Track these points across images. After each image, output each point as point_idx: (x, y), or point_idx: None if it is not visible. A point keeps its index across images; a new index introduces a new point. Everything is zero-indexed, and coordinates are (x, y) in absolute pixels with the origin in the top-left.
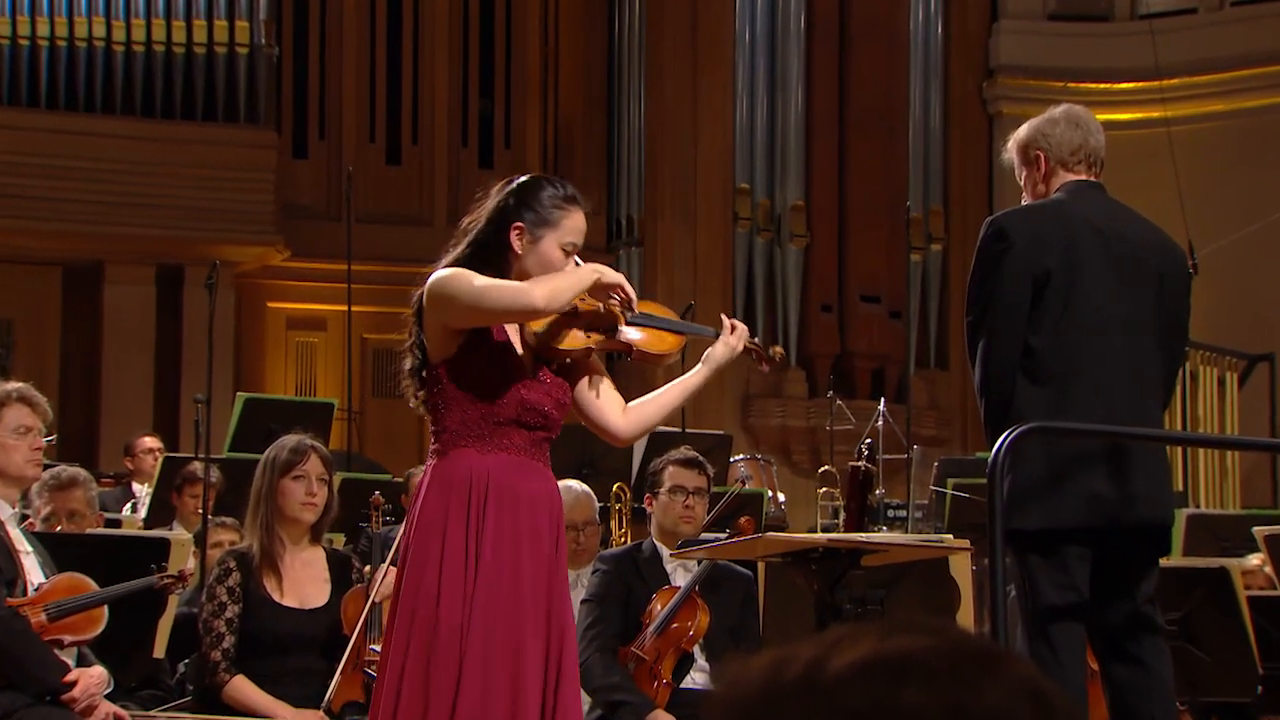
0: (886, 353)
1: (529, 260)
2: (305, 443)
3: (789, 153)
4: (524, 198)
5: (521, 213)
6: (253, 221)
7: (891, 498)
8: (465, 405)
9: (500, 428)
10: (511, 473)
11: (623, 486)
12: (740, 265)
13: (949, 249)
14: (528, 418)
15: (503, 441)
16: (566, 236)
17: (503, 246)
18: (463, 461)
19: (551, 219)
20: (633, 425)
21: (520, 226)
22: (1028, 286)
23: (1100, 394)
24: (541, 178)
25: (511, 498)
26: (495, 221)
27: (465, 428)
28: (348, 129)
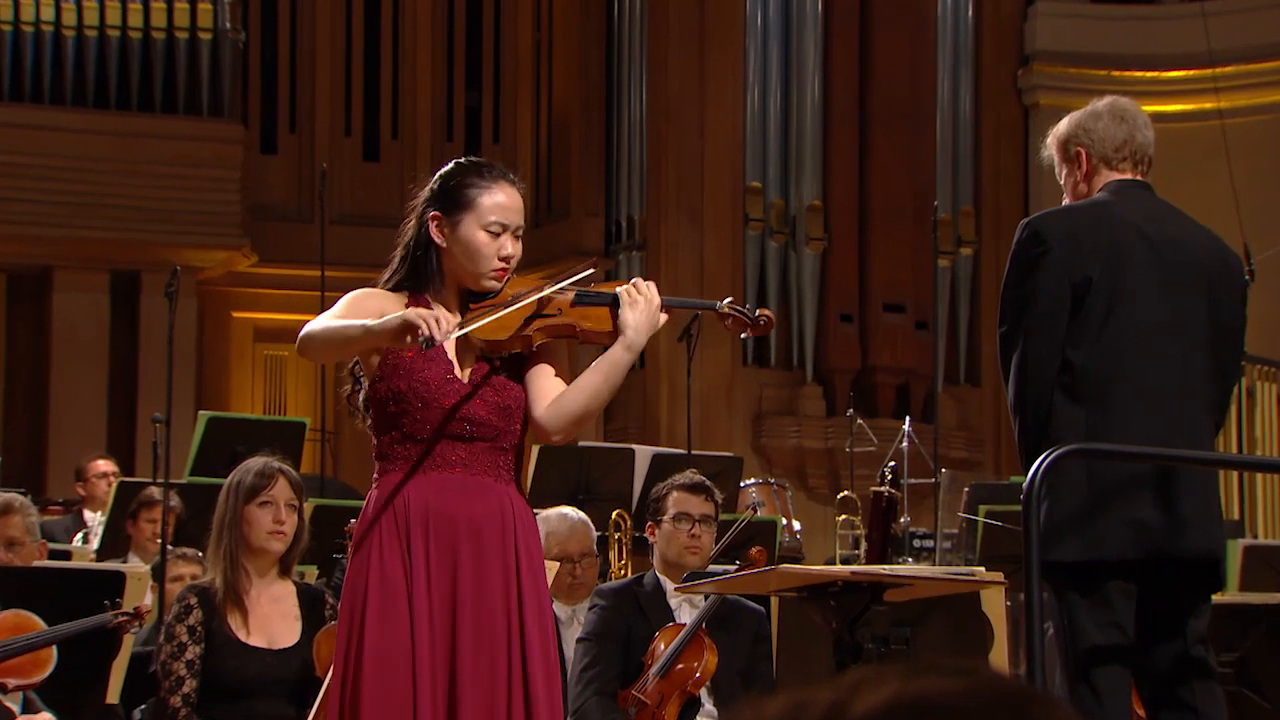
0: (912, 367)
1: (455, 252)
2: (273, 466)
3: (805, 148)
4: (442, 184)
5: (435, 202)
6: (217, 223)
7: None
8: (389, 424)
9: (426, 444)
10: (446, 494)
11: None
12: (751, 271)
13: (980, 253)
14: (457, 429)
15: (434, 459)
16: (488, 216)
17: (425, 244)
18: (390, 486)
19: (466, 200)
20: (555, 415)
21: (436, 216)
22: (1066, 295)
23: (1146, 413)
24: (461, 160)
25: (446, 521)
26: (418, 219)
27: (392, 450)
28: (321, 122)
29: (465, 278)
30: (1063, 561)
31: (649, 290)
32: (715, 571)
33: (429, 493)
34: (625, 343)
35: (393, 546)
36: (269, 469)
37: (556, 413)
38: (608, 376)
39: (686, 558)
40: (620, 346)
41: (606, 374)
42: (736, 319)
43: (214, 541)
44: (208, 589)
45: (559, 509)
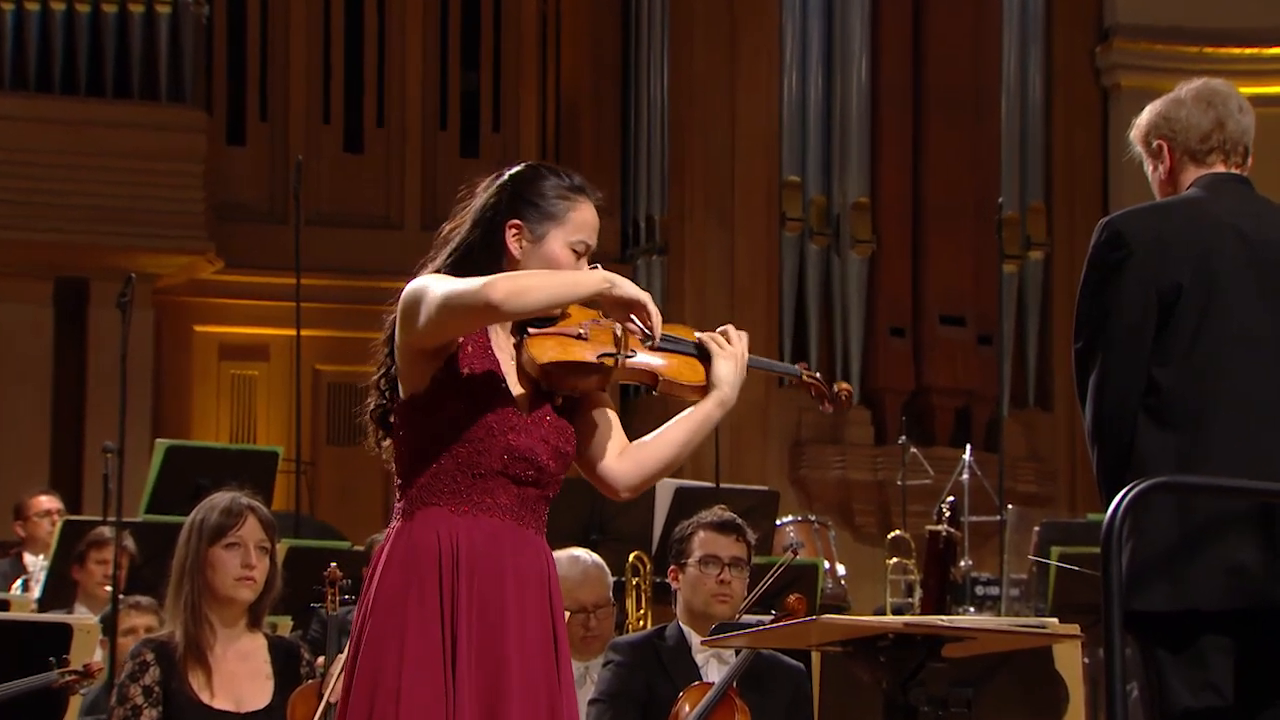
0: (973, 388)
1: (531, 265)
2: (241, 502)
3: (850, 137)
4: (520, 190)
5: (518, 208)
6: (176, 224)
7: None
8: (437, 453)
9: (480, 482)
10: (494, 541)
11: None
12: (789, 279)
13: (1052, 257)
14: (516, 469)
15: (484, 500)
16: (575, 233)
17: (496, 251)
18: (432, 525)
19: (556, 212)
20: (631, 471)
21: (518, 224)
22: (1152, 305)
23: (1245, 439)
24: (540, 165)
25: (494, 573)
26: (485, 223)
27: (437, 482)
28: (296, 108)
29: None
30: (1150, 612)
31: (740, 342)
32: (748, 623)
33: (477, 536)
34: (719, 399)
35: (432, 597)
36: (236, 506)
37: (634, 469)
38: (694, 434)
39: (715, 607)
40: (714, 403)
41: (695, 431)
42: (817, 388)
43: (173, 589)
44: (166, 644)
45: (569, 551)
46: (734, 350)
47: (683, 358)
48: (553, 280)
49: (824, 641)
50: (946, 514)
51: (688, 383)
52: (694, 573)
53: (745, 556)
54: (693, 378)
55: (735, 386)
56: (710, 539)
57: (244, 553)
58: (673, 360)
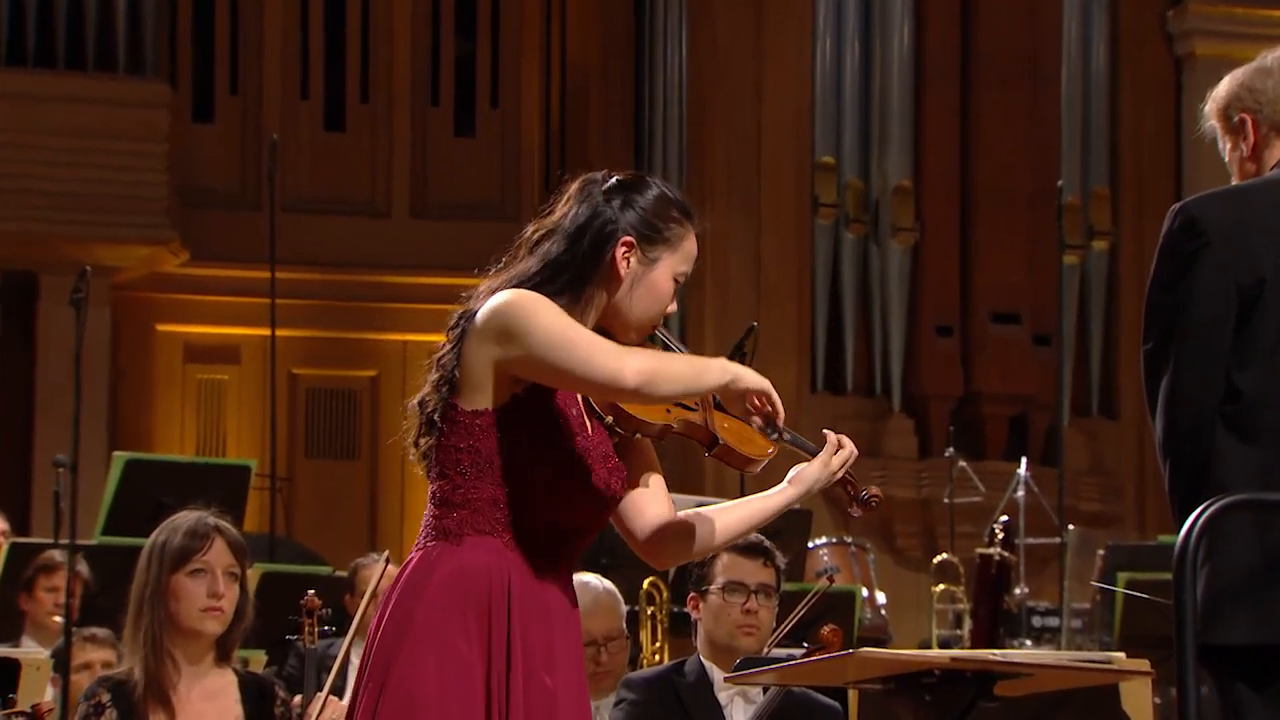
0: (1029, 394)
1: (636, 290)
2: (208, 523)
3: (890, 114)
4: (635, 203)
5: (633, 224)
6: (137, 211)
7: (1038, 599)
8: (508, 476)
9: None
10: (537, 577)
11: (657, 583)
12: (822, 271)
13: (1118, 247)
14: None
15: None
16: (682, 264)
17: (601, 268)
18: (483, 554)
19: (672, 237)
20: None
21: (631, 242)
22: (1232, 301)
23: None
24: (652, 180)
25: (542, 611)
26: (592, 232)
27: (493, 509)
28: (270, 81)
29: (618, 323)
30: (1228, 645)
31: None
32: (777, 657)
33: (523, 570)
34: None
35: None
36: (202, 527)
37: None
38: (757, 526)
39: (739, 639)
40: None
41: (757, 523)
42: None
43: (131, 620)
44: (125, 682)
45: (578, 577)
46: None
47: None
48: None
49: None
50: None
51: (745, 454)
52: (716, 601)
53: (774, 583)
54: (751, 450)
55: (811, 493)
56: (734, 563)
57: (211, 580)
58: (733, 425)
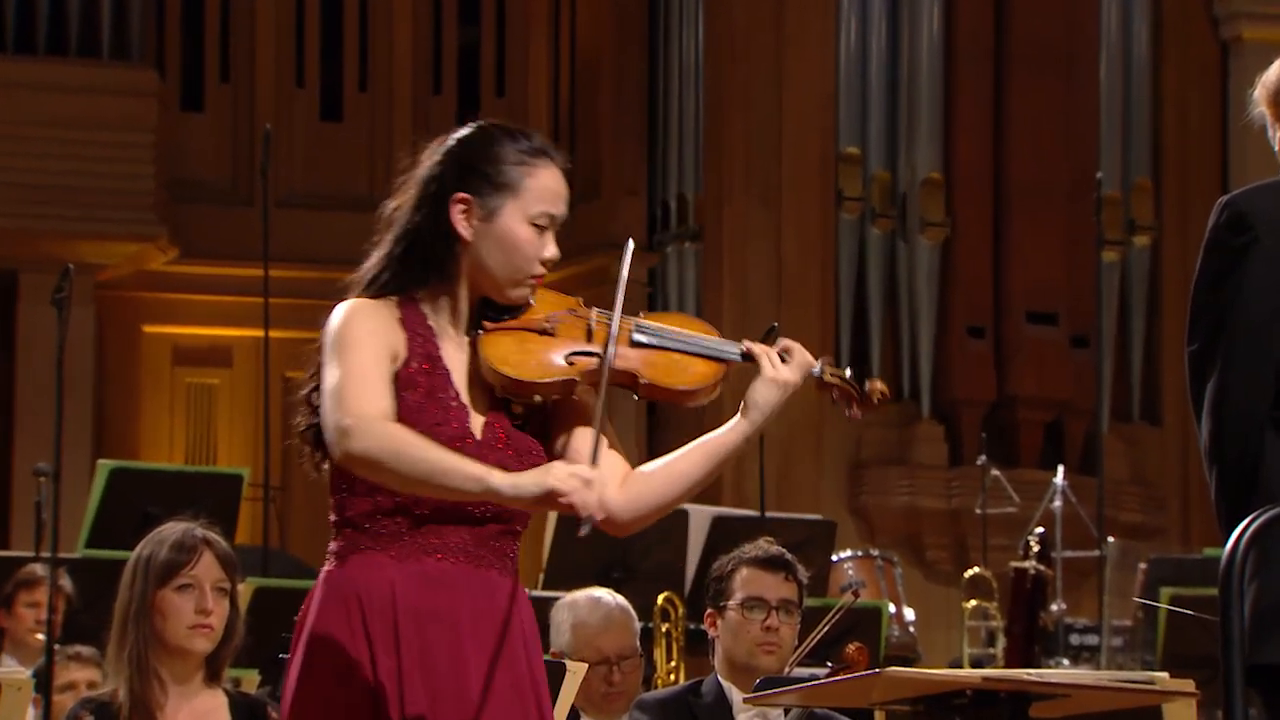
0: (1067, 399)
1: (484, 248)
2: (196, 535)
3: (919, 102)
4: (466, 157)
5: (466, 178)
6: (122, 205)
7: (1076, 616)
8: (372, 489)
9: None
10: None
11: (672, 598)
12: (846, 269)
13: (1161, 243)
14: (470, 506)
15: (430, 542)
16: (535, 205)
17: (444, 234)
18: (364, 572)
19: (507, 180)
20: (631, 504)
21: (465, 198)
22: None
23: None
24: (491, 125)
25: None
26: (429, 198)
27: (373, 523)
28: (263, 68)
29: (488, 284)
30: (1278, 665)
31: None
32: (799, 677)
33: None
34: (750, 429)
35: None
36: (190, 539)
37: (637, 500)
38: (710, 469)
39: (760, 657)
40: (742, 432)
41: (710, 466)
42: (842, 390)
43: (116, 638)
44: (109, 703)
45: (588, 592)
46: (784, 376)
47: (682, 357)
48: (431, 466)
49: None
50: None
51: (673, 386)
52: (735, 617)
53: (796, 598)
54: (681, 380)
55: (770, 417)
56: (754, 578)
57: (199, 595)
58: (662, 359)
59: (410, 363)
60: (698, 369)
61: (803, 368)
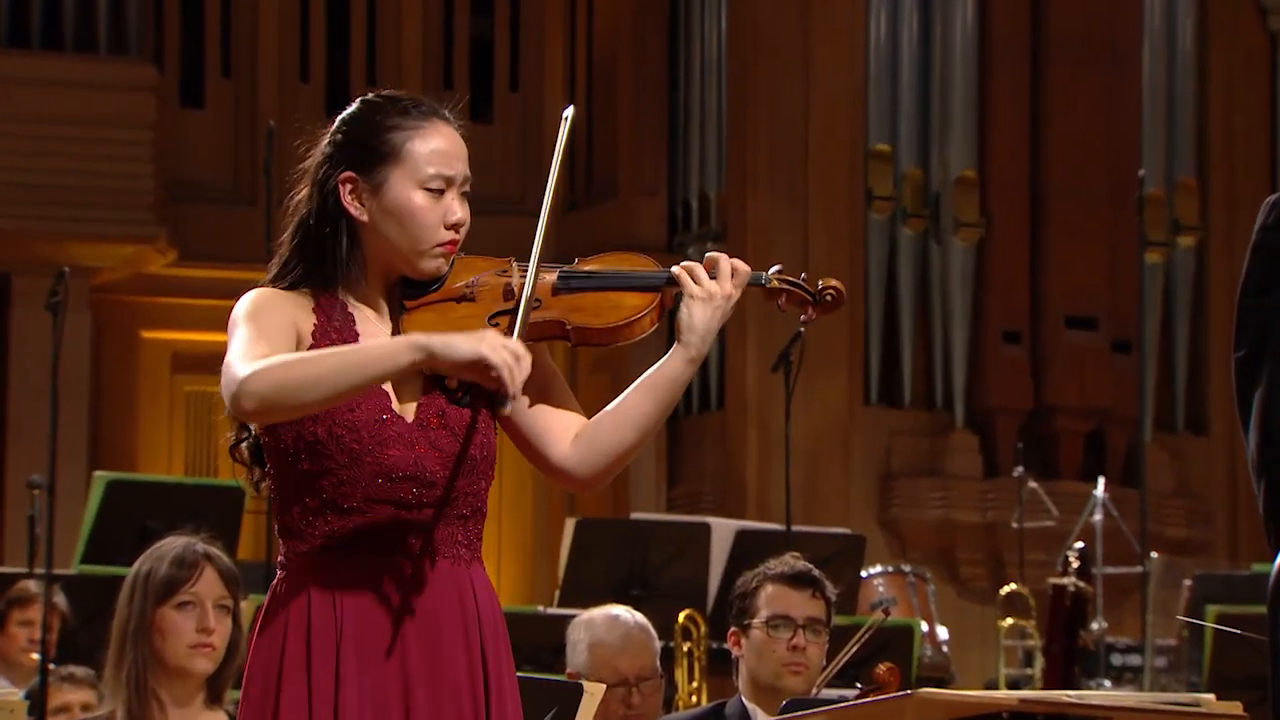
0: (1107, 408)
1: (381, 224)
2: (197, 550)
3: (952, 97)
4: (348, 134)
5: (349, 156)
6: (120, 206)
7: (1118, 635)
8: (302, 487)
9: (351, 518)
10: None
11: (694, 616)
12: (876, 270)
13: (1207, 244)
14: (400, 493)
15: (368, 539)
16: (424, 167)
17: (335, 218)
18: (306, 577)
19: (389, 148)
20: (587, 456)
21: (350, 177)
22: None
23: None
24: (373, 96)
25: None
26: (318, 184)
27: (306, 523)
28: (266, 63)
29: (397, 261)
30: None
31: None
32: (827, 699)
33: (363, 591)
34: (689, 353)
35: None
36: (191, 555)
37: (589, 452)
38: (662, 402)
39: (786, 678)
40: (681, 358)
41: (660, 399)
42: (791, 295)
43: (113, 658)
44: None
45: (606, 610)
46: (711, 288)
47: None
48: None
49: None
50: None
51: (609, 323)
52: (760, 636)
53: (824, 616)
54: (610, 317)
55: (707, 339)
56: (780, 595)
57: (200, 613)
58: (589, 301)
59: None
60: (628, 302)
61: (736, 276)
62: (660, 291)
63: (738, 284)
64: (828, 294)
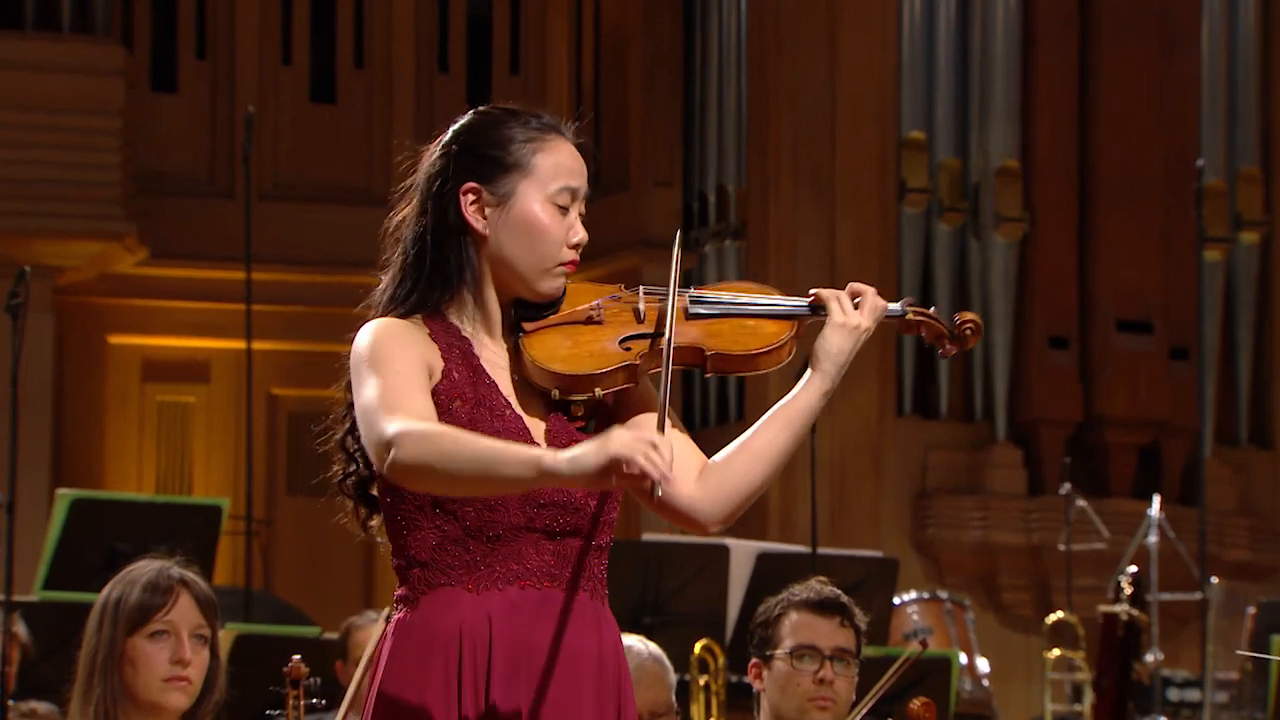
0: (1163, 419)
1: (504, 238)
2: (171, 575)
3: (993, 82)
4: (468, 144)
5: (470, 167)
6: (85, 199)
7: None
8: (437, 520)
9: (500, 546)
10: (530, 618)
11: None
12: (910, 269)
13: (1272, 240)
14: (547, 519)
15: (508, 568)
16: (553, 180)
17: (457, 233)
18: (445, 610)
19: (515, 161)
20: (714, 499)
21: (474, 187)
22: None
23: None
24: (492, 108)
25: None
26: (434, 197)
27: (443, 556)
28: (245, 43)
29: (515, 280)
30: None
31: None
32: None
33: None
34: (825, 384)
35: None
36: (165, 580)
37: (719, 490)
38: (793, 436)
39: (812, 714)
40: (818, 389)
41: (796, 430)
42: (929, 327)
43: (80, 692)
44: None
45: None
46: (854, 321)
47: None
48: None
49: None
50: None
51: (744, 352)
52: (783, 668)
53: (853, 647)
54: (750, 344)
55: (843, 369)
56: (805, 623)
57: (174, 644)
58: (726, 327)
59: (450, 374)
60: (766, 329)
61: (875, 311)
62: (800, 320)
63: (876, 317)
64: (965, 328)
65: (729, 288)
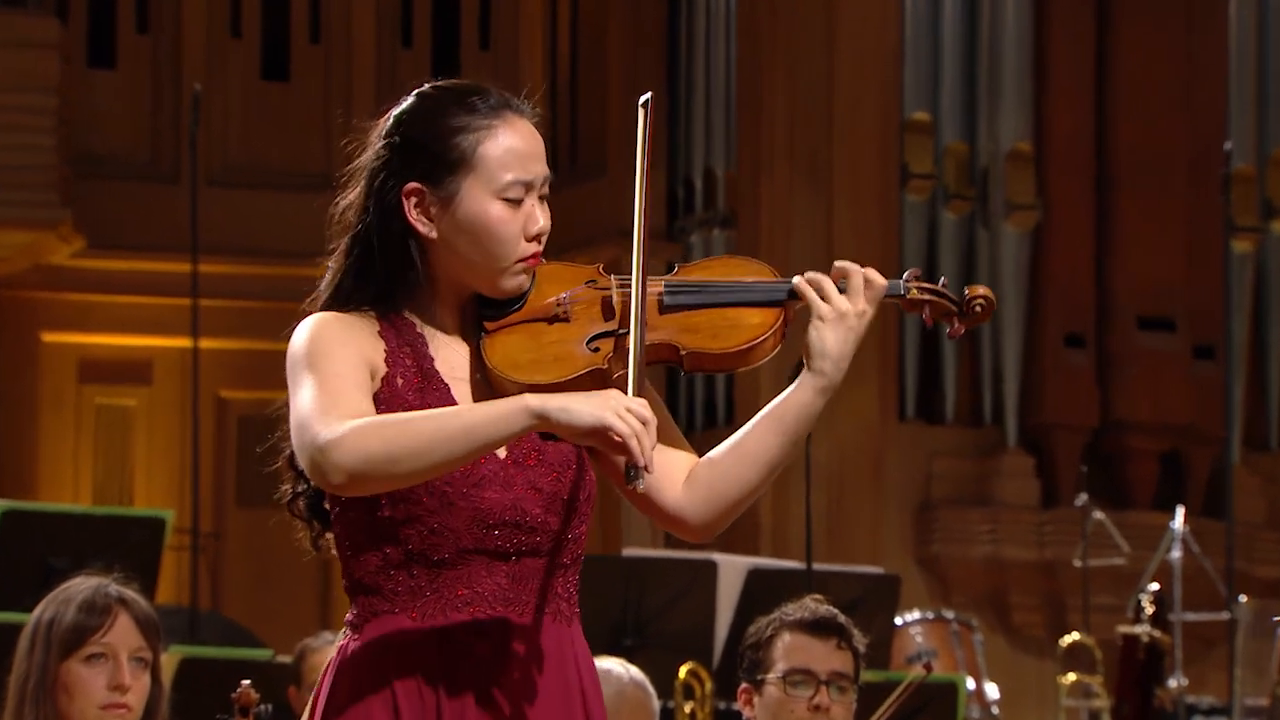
0: (1187, 424)
1: (454, 240)
2: (110, 593)
3: (1003, 59)
4: (408, 136)
5: (411, 163)
6: (15, 184)
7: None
8: (384, 537)
9: (445, 571)
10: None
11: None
12: (912, 260)
13: None
14: (498, 541)
15: (456, 594)
16: (500, 174)
17: (401, 234)
18: (389, 641)
19: (461, 154)
20: (703, 504)
21: (416, 188)
22: None
23: None
24: (434, 88)
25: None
26: (377, 195)
27: (388, 577)
28: (191, 14)
29: (472, 279)
30: None
31: (859, 299)
32: None
33: (458, 651)
34: (821, 382)
35: None
36: (102, 599)
37: (708, 495)
38: (792, 436)
39: None
40: (813, 388)
41: (791, 432)
42: (935, 305)
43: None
44: None
45: (598, 662)
46: (844, 307)
47: (728, 311)
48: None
49: None
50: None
51: (730, 348)
52: (775, 694)
53: (850, 671)
54: (730, 340)
55: (842, 364)
56: (799, 645)
57: (113, 668)
58: (704, 320)
59: (393, 380)
60: (749, 321)
61: (870, 289)
62: (784, 306)
63: (872, 298)
64: (976, 304)
65: (710, 267)
